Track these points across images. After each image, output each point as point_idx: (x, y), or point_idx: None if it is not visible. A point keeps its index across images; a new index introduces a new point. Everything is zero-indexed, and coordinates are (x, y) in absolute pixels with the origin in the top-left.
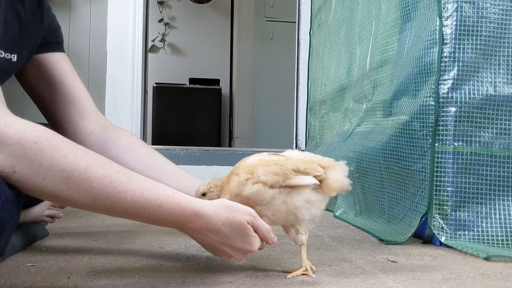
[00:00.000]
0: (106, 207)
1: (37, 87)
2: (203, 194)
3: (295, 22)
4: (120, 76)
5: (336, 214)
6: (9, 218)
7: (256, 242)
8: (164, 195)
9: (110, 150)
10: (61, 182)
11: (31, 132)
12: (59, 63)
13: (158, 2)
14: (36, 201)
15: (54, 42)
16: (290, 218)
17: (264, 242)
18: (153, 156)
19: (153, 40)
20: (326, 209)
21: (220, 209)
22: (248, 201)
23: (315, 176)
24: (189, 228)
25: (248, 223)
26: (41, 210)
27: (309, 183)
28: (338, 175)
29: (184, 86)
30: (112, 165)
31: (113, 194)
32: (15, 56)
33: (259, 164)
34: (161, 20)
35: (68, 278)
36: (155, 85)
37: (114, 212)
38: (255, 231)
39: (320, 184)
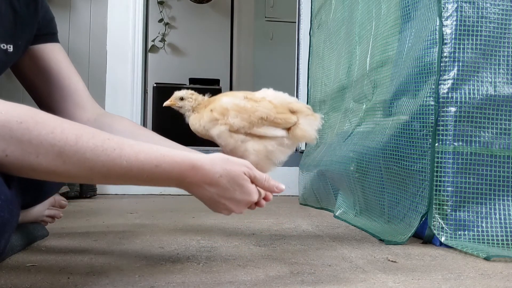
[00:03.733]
0: (104, 176)
1: (33, 78)
2: (181, 99)
3: (295, 22)
4: (120, 76)
5: (336, 214)
6: (9, 217)
7: (255, 192)
8: (159, 155)
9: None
10: (54, 157)
11: (14, 113)
12: (54, 54)
13: (158, 2)
14: (36, 201)
15: (49, 33)
16: (262, 163)
17: (266, 195)
18: (149, 136)
19: (153, 40)
20: (326, 209)
21: (217, 162)
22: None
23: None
24: (187, 183)
25: (245, 174)
26: (41, 210)
27: (275, 135)
28: (308, 125)
29: (184, 86)
30: (101, 134)
31: (108, 162)
32: (11, 46)
33: (233, 109)
34: (161, 20)
35: (68, 278)
36: (155, 85)
37: (113, 179)
38: (253, 182)
39: (289, 129)
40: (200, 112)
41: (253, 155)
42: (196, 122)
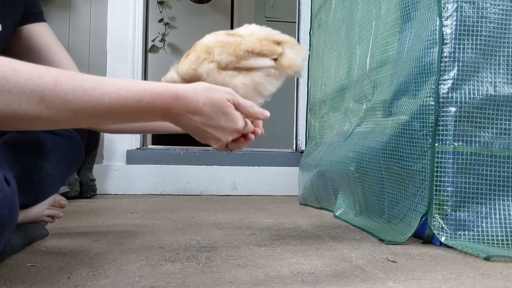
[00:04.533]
0: (89, 117)
1: (23, 59)
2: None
3: (295, 22)
4: (120, 76)
5: (336, 214)
6: (8, 215)
7: (240, 119)
8: (141, 89)
9: None
10: (36, 103)
11: None
12: (43, 33)
13: (158, 2)
14: (35, 201)
15: (36, 13)
16: (250, 96)
17: (255, 130)
18: None
19: (153, 40)
20: (326, 209)
21: (199, 90)
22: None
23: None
24: (172, 114)
25: (228, 100)
26: (40, 210)
27: (264, 65)
28: (294, 54)
29: None
30: (79, 75)
31: (91, 102)
32: (0, 26)
33: (217, 46)
34: (161, 20)
35: (68, 278)
36: None
37: (98, 119)
38: (237, 109)
39: (275, 61)
40: (181, 62)
41: (242, 89)
42: (183, 65)
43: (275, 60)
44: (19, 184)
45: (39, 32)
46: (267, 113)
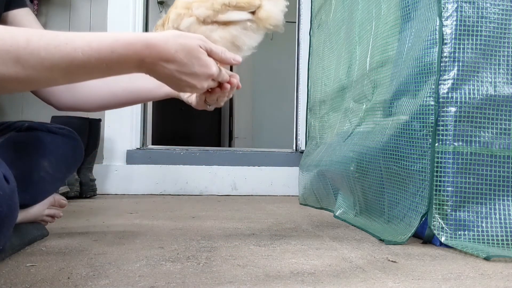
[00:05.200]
0: (65, 73)
1: None
2: (162, 25)
3: (295, 22)
4: None
5: (336, 214)
6: (8, 212)
7: (213, 64)
8: (113, 40)
9: (77, 87)
10: (12, 63)
11: None
12: (28, 17)
13: (158, 2)
14: (35, 200)
15: None
16: (228, 50)
17: (231, 80)
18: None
19: None
20: (326, 209)
21: (171, 38)
22: None
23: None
24: (146, 64)
25: (200, 46)
26: (40, 209)
27: (240, 18)
28: (272, 6)
29: None
30: (50, 32)
31: (65, 57)
32: None
33: (195, 1)
34: None
35: (68, 278)
36: None
37: (74, 75)
38: (210, 55)
39: (254, 14)
40: (164, 21)
41: (219, 43)
42: (166, 24)
43: (253, 13)
44: (18, 183)
45: (24, 17)
46: (239, 58)
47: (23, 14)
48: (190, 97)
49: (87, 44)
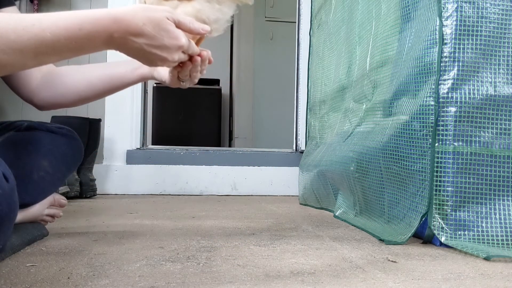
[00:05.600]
0: (36, 55)
1: None
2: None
3: (295, 22)
4: None
5: (336, 214)
6: (7, 211)
7: (182, 36)
8: (80, 18)
9: (55, 82)
10: None
11: None
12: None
13: None
14: (34, 200)
15: None
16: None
17: (202, 53)
18: (94, 65)
19: None
20: (326, 209)
21: (138, 11)
22: None
23: None
24: (115, 39)
25: (168, 18)
26: (40, 209)
27: None
28: None
29: None
30: (15, 15)
31: (34, 39)
32: None
33: None
34: None
35: (68, 278)
36: (155, 85)
37: (46, 56)
38: (178, 27)
39: None
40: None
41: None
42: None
43: None
44: (18, 183)
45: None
46: (207, 28)
47: (12, 10)
48: (163, 75)
49: (54, 24)
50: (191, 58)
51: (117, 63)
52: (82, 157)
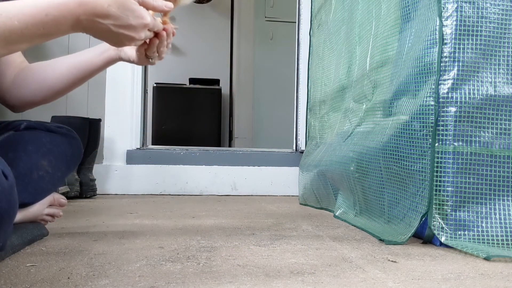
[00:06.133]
0: (7, 44)
1: None
2: None
3: (295, 22)
4: (120, 76)
5: (336, 214)
6: (7, 208)
7: (147, 14)
8: (45, 3)
9: (27, 80)
10: None
11: None
12: None
13: None
14: (34, 199)
15: None
16: None
17: (166, 28)
18: (63, 57)
19: None
20: (326, 209)
21: None
22: None
23: None
24: (81, 22)
25: None
26: (40, 209)
27: None
28: None
29: (184, 86)
30: None
31: (2, 28)
32: None
33: None
34: None
35: (68, 278)
36: (155, 85)
37: (15, 44)
38: (142, 5)
39: None
40: None
41: None
42: None
43: None
44: (18, 183)
45: None
46: (170, 4)
47: None
48: (130, 55)
49: (21, 12)
50: (156, 34)
51: (84, 50)
52: (82, 156)
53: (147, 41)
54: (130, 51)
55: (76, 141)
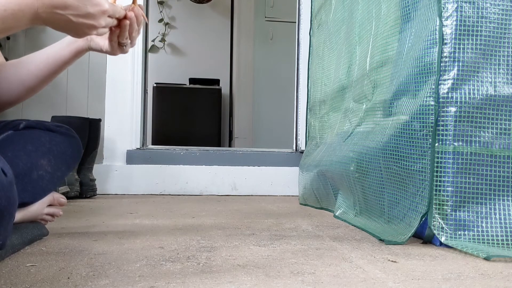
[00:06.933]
0: None
1: None
2: None
3: (295, 22)
4: (120, 76)
5: (336, 214)
6: (6, 204)
7: (104, 0)
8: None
9: (0, 77)
10: None
11: None
12: None
13: (158, 2)
14: (34, 199)
15: None
16: None
17: (128, 14)
18: (34, 53)
19: (153, 40)
20: (326, 209)
21: None
22: None
23: None
24: (41, 14)
25: None
26: (40, 208)
27: None
28: None
29: (184, 86)
30: None
31: None
32: None
33: None
34: (161, 20)
35: (68, 278)
36: (155, 85)
37: None
38: None
39: None
40: None
41: None
42: None
43: None
44: (17, 182)
45: None
46: None
47: None
48: (102, 45)
49: None
50: (120, 21)
51: (53, 44)
52: (81, 155)
53: (118, 26)
54: (101, 41)
55: (75, 140)
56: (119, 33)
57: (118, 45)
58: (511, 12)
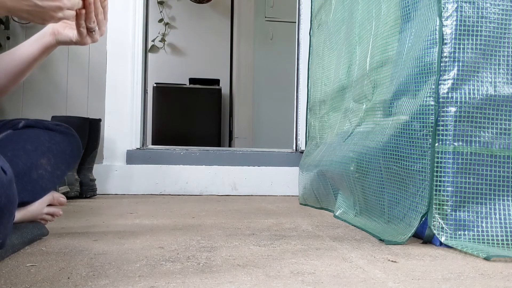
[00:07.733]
0: None
1: None
2: None
3: (295, 22)
4: (120, 76)
5: (336, 214)
6: (6, 202)
7: None
8: None
9: None
10: None
11: None
12: None
13: (158, 2)
14: (33, 198)
15: None
16: None
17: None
18: (5, 52)
19: (153, 40)
20: (326, 209)
21: None
22: None
23: None
24: (8, 2)
25: None
26: (39, 208)
27: None
28: None
29: (184, 86)
30: None
31: None
32: None
33: None
34: (161, 20)
35: (68, 278)
36: (155, 85)
37: None
38: None
39: None
40: None
41: None
42: None
43: None
44: (17, 182)
45: None
46: None
47: None
48: (71, 36)
49: None
50: (84, 0)
51: (22, 43)
52: (81, 154)
53: (79, 11)
54: (69, 31)
55: (75, 139)
56: (86, 15)
57: (87, 31)
58: (511, 12)
